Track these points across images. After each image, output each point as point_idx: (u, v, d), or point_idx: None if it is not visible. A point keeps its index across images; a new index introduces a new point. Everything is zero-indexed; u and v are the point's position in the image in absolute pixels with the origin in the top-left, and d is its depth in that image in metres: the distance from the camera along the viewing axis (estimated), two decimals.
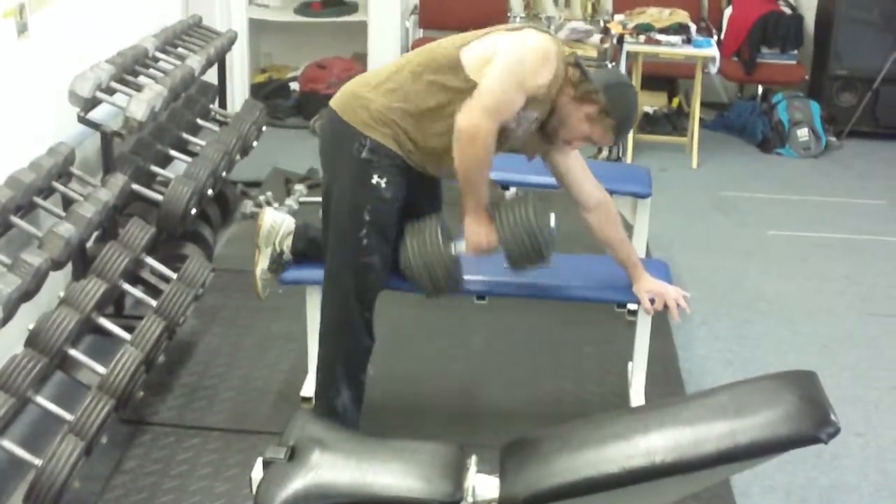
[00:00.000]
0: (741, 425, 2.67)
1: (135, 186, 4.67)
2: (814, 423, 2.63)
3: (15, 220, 4.04)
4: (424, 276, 3.60)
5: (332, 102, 3.72)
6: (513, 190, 5.03)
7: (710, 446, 2.65)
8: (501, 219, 3.56)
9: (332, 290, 3.76)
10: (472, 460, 2.86)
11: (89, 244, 4.51)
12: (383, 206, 3.61)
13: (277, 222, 4.02)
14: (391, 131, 3.59)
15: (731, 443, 2.63)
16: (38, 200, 4.23)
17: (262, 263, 4.02)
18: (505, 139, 3.60)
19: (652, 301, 3.88)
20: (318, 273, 3.83)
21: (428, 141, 3.61)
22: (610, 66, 7.45)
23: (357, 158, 3.58)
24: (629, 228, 4.91)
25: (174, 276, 4.40)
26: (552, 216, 3.60)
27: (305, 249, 3.99)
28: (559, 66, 3.50)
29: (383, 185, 3.59)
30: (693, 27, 7.41)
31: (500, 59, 3.48)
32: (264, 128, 6.12)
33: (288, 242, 4.01)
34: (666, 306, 3.88)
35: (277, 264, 4.04)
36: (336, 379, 3.78)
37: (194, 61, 5.55)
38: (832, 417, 2.63)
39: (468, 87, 3.48)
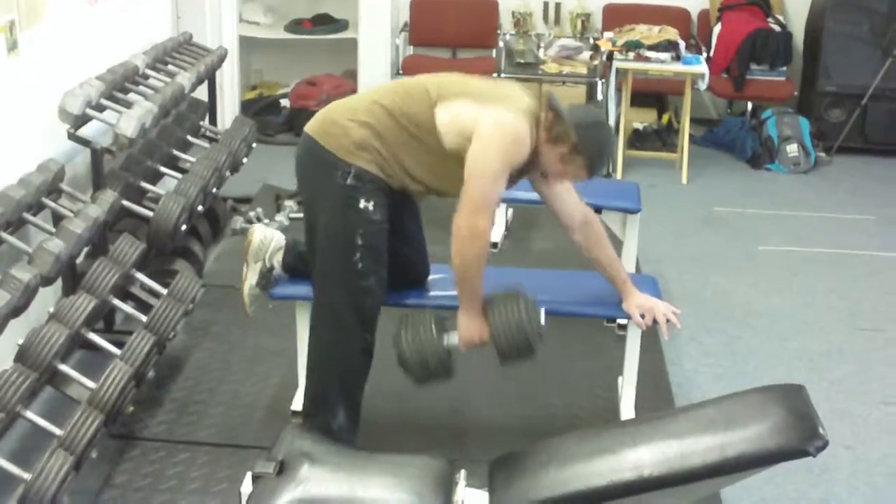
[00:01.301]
0: (729, 438, 2.68)
1: (125, 202, 4.67)
2: (802, 437, 2.65)
3: (4, 235, 4.04)
4: (418, 367, 3.65)
5: (310, 129, 3.74)
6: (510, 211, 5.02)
7: (698, 459, 2.66)
8: (494, 316, 3.61)
9: (326, 313, 3.76)
10: (462, 475, 2.88)
11: (79, 260, 4.51)
12: (374, 227, 3.63)
13: (267, 238, 4.03)
14: (372, 157, 3.61)
15: (720, 456, 2.65)
16: (28, 216, 4.23)
17: (251, 279, 4.03)
18: None
19: (642, 316, 3.89)
20: (307, 289, 3.84)
21: (407, 169, 3.66)
22: (600, 82, 7.48)
23: (342, 185, 3.60)
24: (619, 244, 4.92)
25: (164, 291, 4.40)
26: (542, 312, 3.65)
27: (296, 264, 4.00)
28: (532, 126, 3.56)
29: (371, 208, 3.61)
30: (682, 44, 7.43)
31: (480, 150, 3.52)
32: (254, 144, 6.13)
33: (278, 258, 4.02)
34: (656, 321, 3.89)
35: (266, 280, 4.04)
36: (332, 400, 3.78)
37: (184, 78, 5.56)
38: (820, 431, 2.64)
39: (442, 148, 3.59)
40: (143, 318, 4.20)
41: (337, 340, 3.74)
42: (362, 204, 3.60)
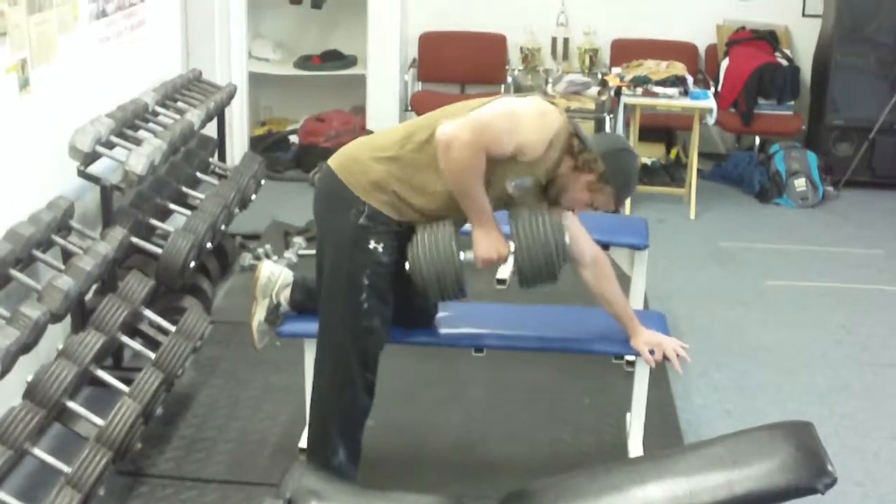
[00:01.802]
0: (737, 476, 2.67)
1: (134, 239, 4.68)
2: (810, 474, 2.64)
3: (14, 273, 4.05)
4: (433, 280, 3.56)
5: (332, 162, 3.72)
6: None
7: (707, 497, 2.65)
8: (518, 234, 3.53)
9: (330, 351, 3.76)
10: None
11: (88, 297, 4.52)
12: (381, 269, 3.62)
13: (275, 274, 4.04)
14: (389, 199, 3.59)
15: (728, 494, 2.64)
16: (38, 254, 4.24)
17: (259, 315, 4.03)
18: (500, 200, 3.63)
19: (651, 352, 3.89)
20: (315, 327, 3.83)
21: (425, 210, 3.63)
22: (608, 117, 7.50)
23: (355, 224, 3.59)
24: (627, 280, 4.93)
25: (173, 328, 4.41)
26: (567, 233, 3.59)
27: (304, 301, 4.01)
28: (560, 135, 3.52)
29: (380, 249, 3.60)
30: (690, 79, 7.46)
31: (499, 102, 3.54)
32: (263, 181, 6.15)
33: (285, 294, 4.03)
34: (666, 357, 3.88)
35: (274, 316, 4.05)
36: (333, 438, 3.78)
37: (194, 115, 5.59)
38: (829, 468, 2.63)
39: None
40: (152, 355, 4.21)
41: (338, 379, 3.74)
42: (372, 245, 3.60)
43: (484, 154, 3.43)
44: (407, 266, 3.59)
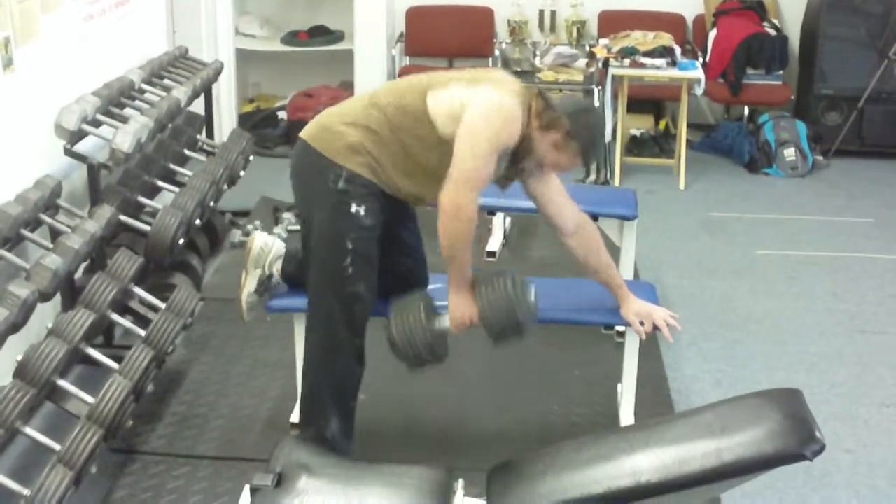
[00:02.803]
0: (726, 443, 2.69)
1: (122, 217, 4.67)
2: (798, 441, 2.65)
3: (2, 252, 4.04)
4: (408, 351, 3.66)
5: (304, 134, 3.75)
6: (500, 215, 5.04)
7: (695, 465, 2.67)
8: (480, 293, 3.63)
9: (318, 319, 3.77)
10: (460, 484, 2.88)
11: (77, 275, 4.51)
12: (364, 233, 3.64)
13: (268, 245, 4.04)
14: (365, 160, 3.62)
15: (717, 461, 2.65)
16: (26, 233, 4.23)
17: (250, 286, 4.03)
18: None
19: (642, 323, 3.89)
20: (305, 301, 3.83)
21: (401, 171, 3.66)
22: (596, 89, 7.49)
23: (334, 189, 3.61)
24: (616, 251, 4.93)
25: (163, 305, 4.41)
26: (532, 290, 3.66)
27: (295, 272, 4.00)
28: (524, 110, 3.57)
29: (362, 212, 3.62)
30: (678, 50, 7.45)
31: (468, 129, 3.53)
32: (252, 157, 6.14)
33: (278, 266, 4.03)
34: (657, 328, 3.89)
35: (265, 287, 4.05)
36: (325, 408, 3.79)
37: (180, 92, 5.57)
38: (817, 434, 2.65)
39: (436, 136, 3.58)
40: (142, 333, 4.20)
41: (327, 346, 3.75)
42: (353, 208, 3.61)
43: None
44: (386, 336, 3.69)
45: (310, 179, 3.71)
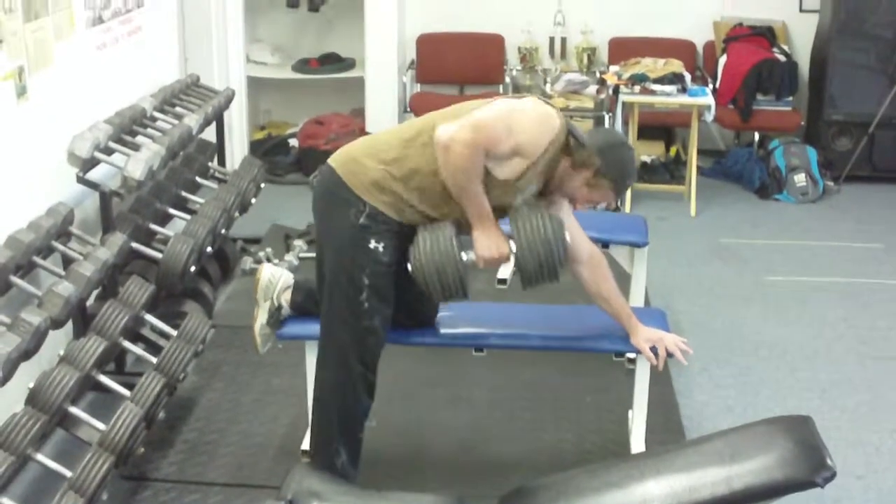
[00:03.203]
0: (737, 471, 2.69)
1: (134, 245, 4.69)
2: (809, 468, 2.65)
3: (14, 279, 4.06)
4: (435, 281, 3.57)
5: (333, 161, 3.73)
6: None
7: (706, 492, 2.67)
8: (518, 230, 3.55)
9: (331, 351, 3.77)
10: None
11: (89, 302, 4.53)
12: (381, 269, 3.63)
13: (275, 276, 4.05)
14: (389, 199, 3.60)
15: (727, 489, 2.65)
16: (38, 260, 4.25)
17: (261, 318, 4.04)
18: (501, 205, 3.64)
19: (653, 350, 3.89)
20: (316, 328, 3.84)
21: (427, 205, 3.63)
22: (607, 116, 7.51)
23: (355, 224, 3.60)
24: (627, 278, 4.93)
25: (174, 333, 4.42)
26: (566, 230, 3.61)
27: (304, 302, 4.01)
28: (559, 136, 3.55)
29: (381, 249, 3.61)
30: (688, 76, 7.46)
31: (498, 103, 3.57)
32: (263, 184, 6.16)
33: (286, 296, 4.03)
34: (669, 353, 3.89)
35: (276, 319, 4.06)
36: (335, 439, 3.79)
37: (192, 120, 5.60)
38: (828, 461, 2.64)
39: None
40: (154, 360, 4.22)
41: (339, 379, 3.75)
42: (372, 244, 3.60)
43: (482, 154, 3.45)
44: (409, 267, 3.60)
45: (332, 209, 3.70)
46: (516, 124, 3.50)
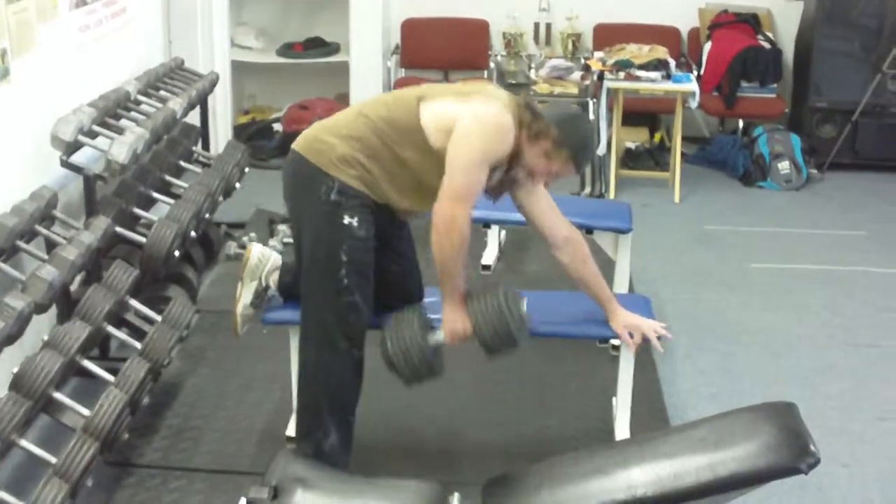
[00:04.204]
0: (721, 457, 2.70)
1: (118, 229, 4.68)
2: (793, 454, 2.66)
3: None
4: (403, 366, 3.67)
5: (296, 145, 3.77)
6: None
7: (691, 479, 2.67)
8: (473, 306, 3.65)
9: (314, 331, 3.77)
10: (455, 498, 2.88)
11: (73, 287, 4.52)
12: (358, 244, 3.64)
13: (265, 256, 4.04)
14: (357, 172, 3.63)
15: (711, 475, 2.66)
16: (21, 244, 4.23)
17: (245, 298, 4.03)
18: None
19: (631, 335, 3.90)
20: (300, 314, 3.83)
21: (392, 183, 3.68)
22: (591, 102, 7.50)
23: (326, 201, 3.62)
24: (611, 264, 4.94)
25: (158, 318, 4.41)
26: (524, 301, 3.68)
27: (292, 284, 4.00)
28: (515, 123, 3.60)
29: (355, 223, 3.62)
30: (672, 63, 7.46)
31: (459, 141, 3.56)
32: (247, 169, 6.14)
33: (274, 277, 4.03)
34: (647, 339, 3.90)
35: (261, 299, 4.05)
36: (324, 421, 3.77)
37: (176, 104, 5.57)
38: (812, 448, 2.65)
39: (427, 148, 3.60)
40: (138, 345, 4.21)
41: (325, 357, 3.75)
42: (346, 220, 3.61)
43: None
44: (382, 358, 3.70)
45: (302, 191, 3.72)
46: (485, 154, 3.57)
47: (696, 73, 7.98)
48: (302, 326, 3.82)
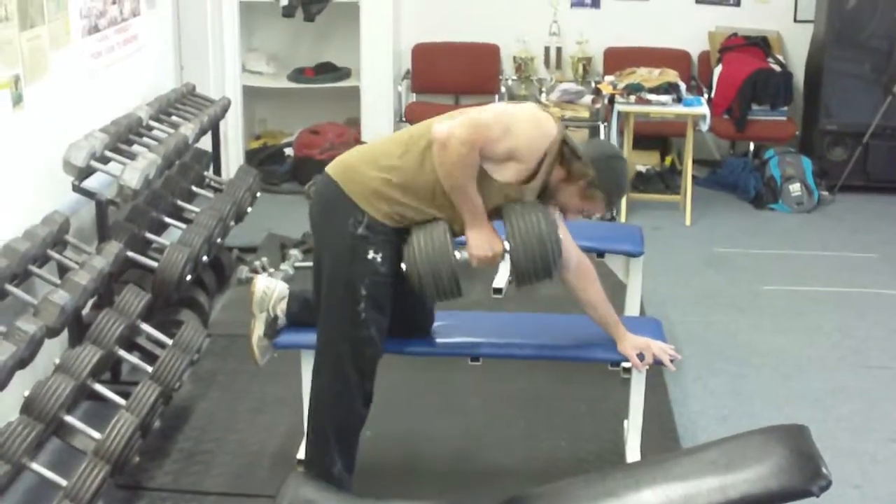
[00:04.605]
0: (732, 480, 2.68)
1: (130, 254, 4.70)
2: (805, 477, 2.64)
3: (10, 288, 4.06)
4: (429, 279, 3.58)
5: (330, 170, 3.72)
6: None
7: (702, 501, 2.66)
8: (513, 228, 3.56)
9: (328, 360, 3.77)
10: None
11: (85, 311, 4.54)
12: (379, 279, 3.63)
13: (270, 288, 4.04)
14: (388, 209, 3.60)
15: (722, 498, 2.65)
16: (34, 269, 4.25)
17: (258, 330, 4.03)
18: (496, 213, 3.65)
19: (641, 357, 3.90)
20: (312, 337, 3.84)
21: (426, 215, 3.64)
22: (602, 126, 7.52)
23: (353, 234, 3.60)
24: (622, 287, 4.94)
25: (170, 342, 4.42)
26: (559, 228, 3.62)
27: (300, 312, 4.01)
28: (555, 143, 3.56)
29: (379, 259, 3.61)
30: (683, 86, 7.47)
31: (495, 106, 3.62)
32: (259, 193, 6.16)
33: (282, 307, 4.03)
34: (658, 361, 3.90)
35: (273, 329, 4.05)
36: (331, 447, 3.79)
37: (188, 129, 5.60)
38: (823, 470, 2.64)
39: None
40: (149, 369, 4.22)
41: (335, 388, 3.75)
42: (371, 255, 3.60)
43: (478, 152, 3.47)
44: (403, 266, 3.61)
45: (330, 218, 3.69)
46: (513, 127, 3.52)
47: (706, 96, 8.00)
48: (316, 353, 3.82)
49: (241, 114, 7.93)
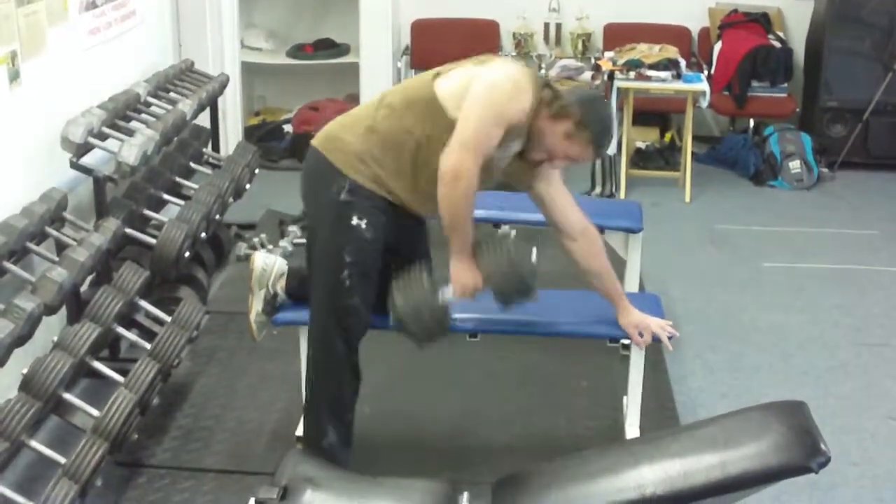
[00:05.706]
0: (731, 456, 2.68)
1: (128, 230, 4.69)
2: (803, 453, 2.65)
3: (8, 265, 4.05)
4: (414, 325, 3.61)
5: (315, 142, 3.75)
6: (505, 228, 5.05)
7: (701, 477, 2.66)
8: (484, 258, 3.60)
9: (315, 331, 3.79)
10: (464, 497, 2.87)
11: (83, 288, 4.53)
12: (364, 246, 3.63)
13: (269, 264, 4.03)
14: (371, 172, 3.61)
15: (721, 474, 2.65)
16: (31, 246, 4.24)
17: (257, 306, 4.03)
18: (489, 174, 3.62)
19: (641, 335, 3.89)
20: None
21: (407, 182, 3.64)
22: None
23: (336, 200, 3.61)
24: (622, 264, 4.93)
25: (168, 318, 4.42)
26: (533, 250, 3.64)
27: (300, 288, 3.99)
28: (534, 91, 3.53)
29: (363, 225, 3.60)
30: (683, 62, 7.45)
31: (475, 95, 3.50)
32: (257, 170, 6.15)
33: (281, 284, 4.02)
34: (657, 338, 3.89)
35: (271, 306, 4.04)
36: (321, 420, 3.80)
37: (186, 105, 5.58)
38: (822, 447, 2.64)
39: (447, 123, 3.51)
40: (148, 346, 4.21)
41: (323, 359, 3.76)
42: (354, 220, 3.60)
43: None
44: (390, 318, 3.64)
45: (316, 188, 3.72)
46: (500, 107, 3.48)
47: (706, 72, 7.98)
48: (309, 326, 3.83)
49: (240, 90, 7.90)
